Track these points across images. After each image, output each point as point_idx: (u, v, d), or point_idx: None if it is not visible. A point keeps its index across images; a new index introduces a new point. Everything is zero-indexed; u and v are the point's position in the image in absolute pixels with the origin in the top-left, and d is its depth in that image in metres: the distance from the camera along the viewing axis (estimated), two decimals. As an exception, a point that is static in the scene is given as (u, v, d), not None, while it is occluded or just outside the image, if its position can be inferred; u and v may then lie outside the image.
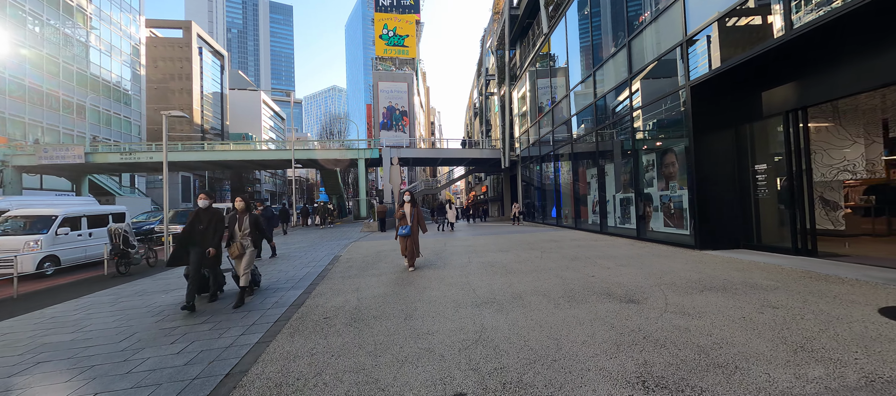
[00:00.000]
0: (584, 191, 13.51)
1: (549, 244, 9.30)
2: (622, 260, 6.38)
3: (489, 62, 37.48)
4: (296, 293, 5.19)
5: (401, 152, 26.61)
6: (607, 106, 11.26)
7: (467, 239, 11.45)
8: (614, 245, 8.63)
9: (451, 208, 16.84)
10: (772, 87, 6.30)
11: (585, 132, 13.02)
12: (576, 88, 13.48)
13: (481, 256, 7.66)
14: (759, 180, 6.71)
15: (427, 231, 6.18)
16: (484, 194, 48.03)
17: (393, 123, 45.00)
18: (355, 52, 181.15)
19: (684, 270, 5.36)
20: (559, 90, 15.48)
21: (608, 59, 10.88)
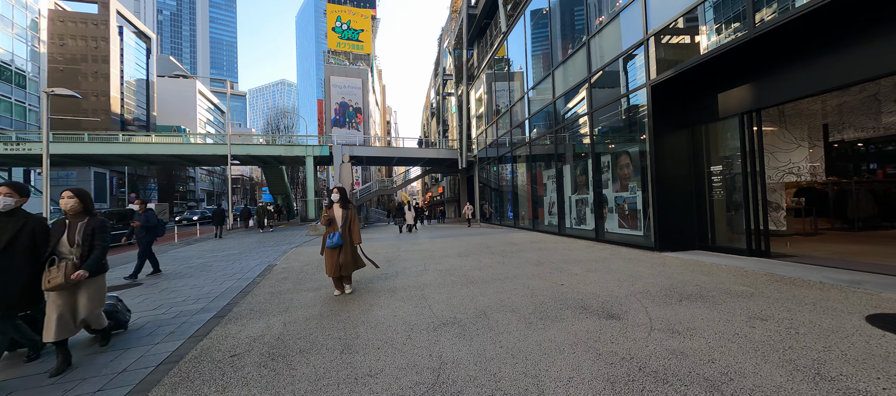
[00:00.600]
0: (541, 193, 13.37)
1: (510, 247, 8.83)
2: (588, 265, 6.01)
3: (447, 62, 37.08)
4: (203, 317, 4.07)
5: (354, 150, 25.13)
6: (565, 107, 11.14)
7: (423, 243, 10.68)
8: (575, 247, 8.36)
9: (410, 209, 16.28)
10: (728, 89, 6.31)
11: (542, 133, 12.87)
12: (533, 89, 13.31)
13: (439, 262, 6.93)
14: (714, 182, 6.73)
15: (361, 241, 4.91)
16: (441, 195, 47.54)
17: (346, 120, 42.92)
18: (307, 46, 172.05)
19: (652, 275, 5.05)
20: (516, 91, 15.30)
21: (566, 59, 10.74)
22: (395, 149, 26.86)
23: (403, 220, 16.01)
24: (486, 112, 21.15)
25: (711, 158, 6.84)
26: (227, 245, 12.51)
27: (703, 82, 6.65)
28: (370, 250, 9.19)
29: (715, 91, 6.55)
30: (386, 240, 12.01)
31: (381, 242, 11.41)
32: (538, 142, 13.23)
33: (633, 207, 9.00)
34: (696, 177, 7.09)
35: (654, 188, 7.06)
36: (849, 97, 6.05)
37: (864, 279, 4.28)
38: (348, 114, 43.18)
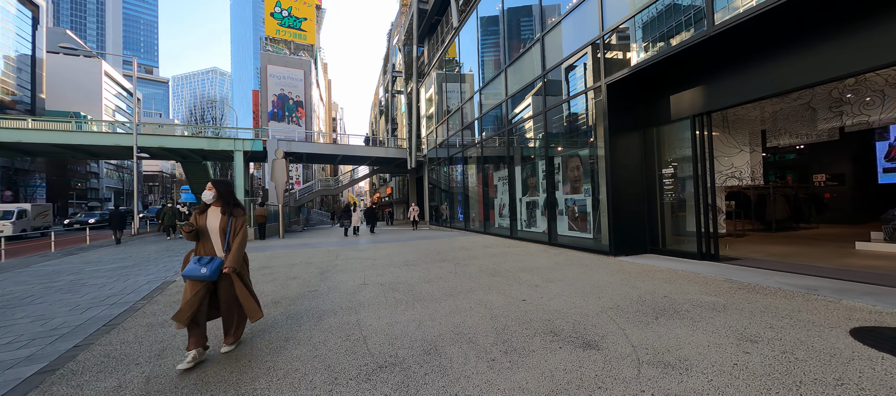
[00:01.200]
0: (492, 195, 12.98)
1: (461, 253, 8.15)
2: (546, 274, 5.50)
3: (396, 58, 35.89)
4: (20, 374, 2.74)
5: (292, 145, 22.92)
6: (517, 107, 10.81)
7: (366, 249, 9.61)
8: (529, 252, 7.93)
9: (357, 211, 15.37)
10: (680, 91, 6.25)
11: (493, 134, 12.48)
12: (485, 88, 12.88)
13: (382, 273, 6.00)
14: (665, 185, 6.67)
15: (236, 268, 2.88)
16: (389, 196, 46.04)
17: (285, 114, 39.67)
18: (243, 33, 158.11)
19: (615, 285, 4.65)
20: (468, 90, 14.81)
21: (519, 56, 10.41)
22: (340, 147, 25.10)
23: (350, 222, 15.22)
24: (437, 111, 20.50)
25: (662, 161, 6.78)
26: (122, 254, 10.26)
27: (657, 83, 6.56)
28: (302, 259, 7.94)
29: (668, 92, 6.48)
30: (324, 246, 10.70)
31: (319, 248, 10.11)
32: (489, 142, 12.83)
33: (583, 210, 8.87)
34: (648, 181, 7.01)
35: (610, 191, 6.84)
36: (785, 104, 6.34)
37: (816, 284, 4.23)
38: (288, 108, 39.98)
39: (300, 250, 9.92)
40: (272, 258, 8.38)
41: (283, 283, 5.51)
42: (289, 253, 9.38)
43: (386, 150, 26.45)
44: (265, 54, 39.68)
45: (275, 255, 8.89)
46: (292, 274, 6.28)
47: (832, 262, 5.43)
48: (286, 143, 22.67)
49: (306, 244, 11.65)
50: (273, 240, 13.52)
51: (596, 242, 7.80)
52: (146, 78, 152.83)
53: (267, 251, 9.95)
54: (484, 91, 12.96)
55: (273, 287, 5.29)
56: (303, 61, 41.34)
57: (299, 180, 42.30)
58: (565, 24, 8.33)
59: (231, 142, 21.38)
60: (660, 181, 6.79)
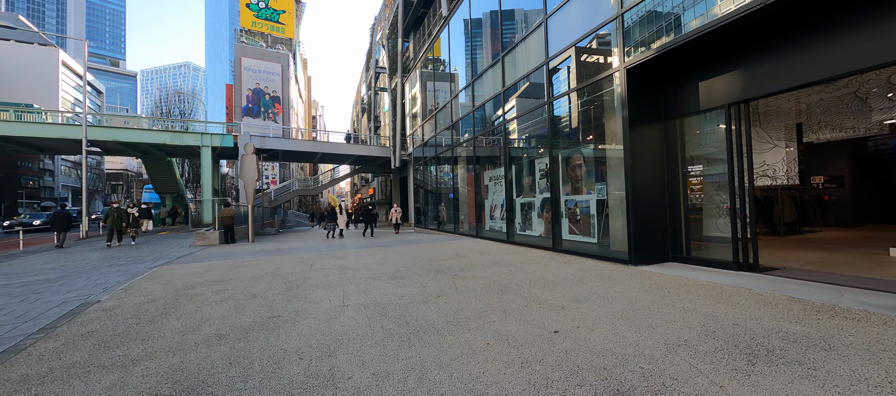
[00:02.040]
0: (483, 196, 12.04)
1: (457, 261, 7.12)
2: (567, 289, 4.55)
3: (380, 54, 34.57)
4: None
5: (266, 142, 21.31)
6: (516, 99, 9.91)
7: (346, 256, 8.44)
8: (534, 259, 6.98)
9: (343, 213, 14.53)
10: (712, 76, 5.45)
11: (486, 130, 11.54)
12: (478, 79, 11.93)
13: (365, 290, 4.89)
14: (692, 183, 5.87)
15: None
16: (371, 197, 44.49)
17: (261, 110, 37.61)
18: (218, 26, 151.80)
19: (662, 306, 3.74)
20: (459, 82, 13.82)
21: (520, 41, 9.50)
22: (320, 144, 23.62)
23: (335, 224, 14.46)
24: (422, 109, 19.43)
25: (686, 157, 5.99)
26: (54, 262, 8.67)
27: (685, 67, 5.76)
28: (269, 269, 6.71)
29: (696, 78, 5.68)
30: (298, 252, 9.44)
31: (292, 254, 8.85)
32: (482, 140, 11.88)
33: (588, 213, 8.07)
34: (670, 180, 6.20)
35: (631, 192, 5.98)
36: (827, 93, 5.69)
37: (891, 303, 3.45)
38: (264, 103, 37.93)
39: (270, 257, 8.64)
40: (233, 268, 7.10)
41: (239, 305, 4.32)
42: (256, 261, 8.09)
43: (368, 149, 25.16)
44: (239, 46, 37.49)
45: (238, 265, 7.59)
46: (253, 290, 5.09)
47: (881, 272, 4.72)
48: (260, 139, 21.06)
49: (278, 250, 10.33)
50: (241, 245, 12.08)
51: (606, 248, 6.97)
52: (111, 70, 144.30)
53: (230, 258, 8.61)
54: (477, 82, 12.00)
55: (223, 310, 4.10)
56: (280, 55, 39.35)
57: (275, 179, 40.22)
58: (574, 2, 7.46)
59: (198, 136, 19.61)
60: (684, 180, 5.99)
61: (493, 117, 11.39)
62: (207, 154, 19.77)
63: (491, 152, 11.81)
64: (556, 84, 8.21)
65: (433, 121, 16.52)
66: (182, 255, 9.49)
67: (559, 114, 8.24)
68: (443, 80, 16.44)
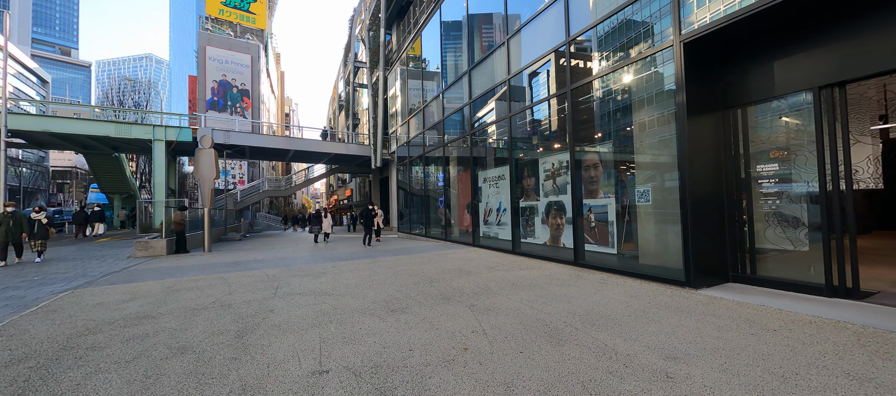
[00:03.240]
0: (480, 199, 10.74)
1: (466, 281, 5.71)
2: (647, 336, 3.26)
3: (359, 49, 32.71)
4: None
5: (233, 137, 19.09)
6: (528, 86, 8.67)
7: (324, 272, 6.83)
8: (562, 279, 5.68)
9: (328, 216, 13.89)
10: (797, 51, 4.36)
11: (488, 124, 10.24)
12: (476, 68, 10.61)
13: (351, 335, 3.39)
14: (763, 185, 4.77)
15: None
16: (348, 198, 42.28)
17: (228, 104, 34.74)
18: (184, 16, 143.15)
19: (812, 372, 2.50)
20: (451, 72, 12.45)
21: (531, 19, 8.24)
22: (293, 141, 21.57)
23: (320, 228, 13.72)
24: (404, 106, 17.93)
25: (754, 153, 4.89)
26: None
27: (759, 40, 4.66)
28: (218, 295, 5.04)
29: (772, 55, 4.58)
30: (262, 266, 7.72)
31: (254, 270, 7.13)
32: (481, 135, 10.56)
33: (602, 218, 6.96)
34: (729, 181, 5.09)
35: (688, 194, 4.80)
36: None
37: None
38: (231, 97, 35.09)
39: (225, 274, 6.91)
40: (170, 294, 5.37)
41: (152, 372, 2.73)
42: (204, 281, 6.36)
43: (346, 147, 23.33)
44: (203, 34, 34.48)
45: (178, 287, 5.85)
46: (186, 336, 3.47)
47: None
48: (224, 133, 18.83)
49: (238, 263, 8.55)
50: (194, 256, 10.14)
51: (619, 260, 5.89)
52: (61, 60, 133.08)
53: (171, 277, 6.80)
54: (475, 71, 10.67)
55: (122, 385, 2.50)
56: (250, 45, 36.60)
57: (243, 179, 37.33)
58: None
59: (149, 129, 17.18)
60: (754, 182, 4.88)
61: (493, 110, 10.10)
62: (161, 149, 17.35)
63: (489, 151, 10.52)
64: (580, 67, 7.01)
65: (420, 116, 15.06)
66: (111, 272, 7.55)
67: (582, 103, 7.03)
68: (431, 74, 15.03)
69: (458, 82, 11.46)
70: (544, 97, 7.99)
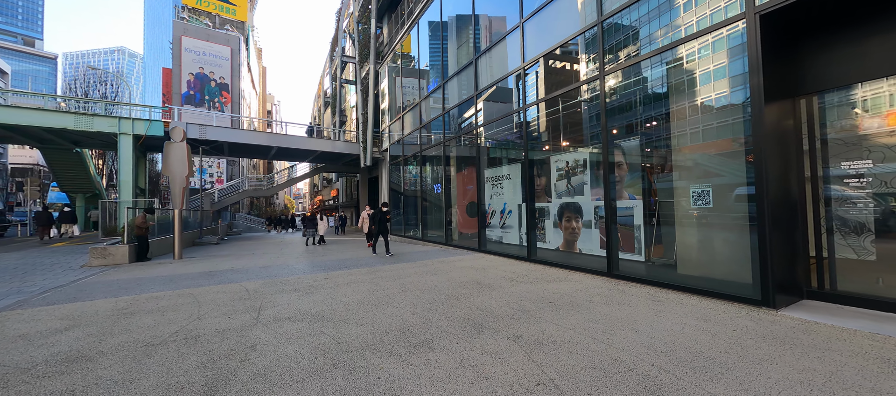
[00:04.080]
0: (487, 200, 9.88)
1: (492, 299, 4.78)
2: (756, 382, 2.41)
3: (346, 43, 31.38)
4: None
5: (209, 132, 17.59)
6: (544, 72, 7.84)
7: (317, 287, 5.76)
8: (605, 296, 4.82)
9: (323, 219, 13.46)
10: (891, 29, 3.63)
11: (500, 116, 9.38)
12: (485, 54, 9.71)
13: (361, 386, 2.40)
14: (848, 185, 4.04)
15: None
16: (334, 199, 40.74)
17: (205, 98, 32.77)
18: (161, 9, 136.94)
19: None
20: (455, 61, 11.52)
21: (548, 3, 7.40)
22: (276, 137, 20.18)
23: (314, 231, 13.34)
24: (392, 104, 16.90)
25: (836, 147, 4.17)
26: None
27: (848, 13, 3.92)
28: (183, 321, 3.94)
29: (863, 30, 3.86)
30: (241, 278, 6.58)
31: (231, 283, 6.00)
32: (491, 130, 9.68)
33: (628, 222, 6.26)
34: (800, 180, 4.35)
35: (765, 194, 4.02)
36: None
37: None
38: (209, 91, 33.12)
39: (195, 289, 5.76)
40: (121, 319, 4.23)
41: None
42: (168, 299, 5.21)
43: (333, 144, 22.07)
44: (178, 23, 32.41)
45: (134, 308, 4.71)
46: (128, 392, 2.41)
47: None
48: (199, 127, 17.32)
49: (213, 273, 7.37)
50: (160, 264, 8.86)
51: (648, 269, 5.17)
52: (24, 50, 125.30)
53: (127, 293, 5.61)
54: (481, 60, 9.77)
55: None
56: (230, 37, 34.68)
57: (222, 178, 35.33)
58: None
59: (114, 121, 15.56)
60: (834, 181, 4.15)
61: (503, 103, 9.25)
62: (128, 144, 15.73)
63: (499, 147, 9.66)
64: (614, 49, 6.20)
65: (416, 111, 14.06)
66: (55, 286, 6.25)
67: (616, 91, 6.22)
68: (428, 67, 14.05)
69: (463, 72, 10.54)
70: (569, 87, 7.14)
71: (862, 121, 4.01)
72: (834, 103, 4.18)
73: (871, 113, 3.95)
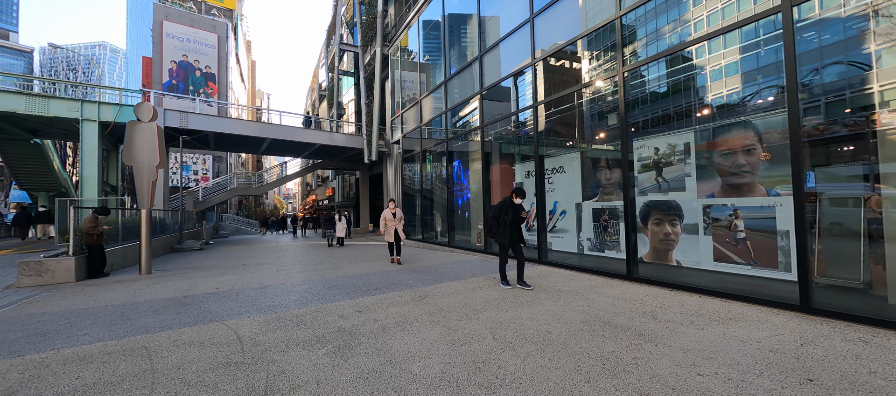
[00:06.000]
0: (534, 197, 7.89)
1: (667, 365, 2.72)
2: None
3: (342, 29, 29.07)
4: None
5: (192, 120, 15.18)
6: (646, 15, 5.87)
7: (347, 324, 3.62)
8: (848, 355, 2.81)
9: (342, 220, 12.71)
10: None
11: (582, 84, 7.38)
12: (546, 11, 7.66)
13: None
14: None
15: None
16: (329, 199, 38.26)
17: (189, 88, 30.05)
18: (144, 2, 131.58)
19: None
20: (494, 29, 9.45)
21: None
22: (269, 128, 17.84)
23: (333, 232, 12.85)
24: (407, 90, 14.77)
25: None
26: None
27: None
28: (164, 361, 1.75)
29: None
30: (230, 313, 4.40)
31: (216, 322, 3.82)
32: (567, 105, 7.67)
33: (766, 226, 4.53)
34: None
35: None
36: None
37: None
38: (194, 81, 30.42)
39: (152, 337, 3.59)
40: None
41: None
42: (101, 360, 3.04)
43: (331, 136, 19.81)
44: (159, 7, 29.63)
45: (37, 388, 2.51)
46: None
47: None
48: (180, 115, 14.92)
49: (187, 300, 5.17)
50: (122, 281, 6.59)
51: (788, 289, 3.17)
52: None
53: (46, 343, 3.42)
54: (541, 19, 7.71)
55: None
56: (217, 23, 31.99)
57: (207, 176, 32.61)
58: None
59: (75, 105, 13.08)
60: None
61: (566, 73, 7.26)
62: (92, 132, 13.27)
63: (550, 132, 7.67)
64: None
65: (441, 94, 11.94)
66: (-70, 329, 3.97)
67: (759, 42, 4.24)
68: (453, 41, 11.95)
69: (513, 36, 8.45)
70: (697, 37, 5.15)
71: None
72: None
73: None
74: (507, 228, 5.25)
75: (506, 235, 5.26)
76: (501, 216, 5.29)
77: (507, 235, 5.26)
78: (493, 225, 5.37)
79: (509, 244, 5.34)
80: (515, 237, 5.34)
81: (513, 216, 5.28)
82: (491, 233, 5.53)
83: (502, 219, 5.26)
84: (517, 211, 5.31)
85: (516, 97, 8.76)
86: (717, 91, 5.60)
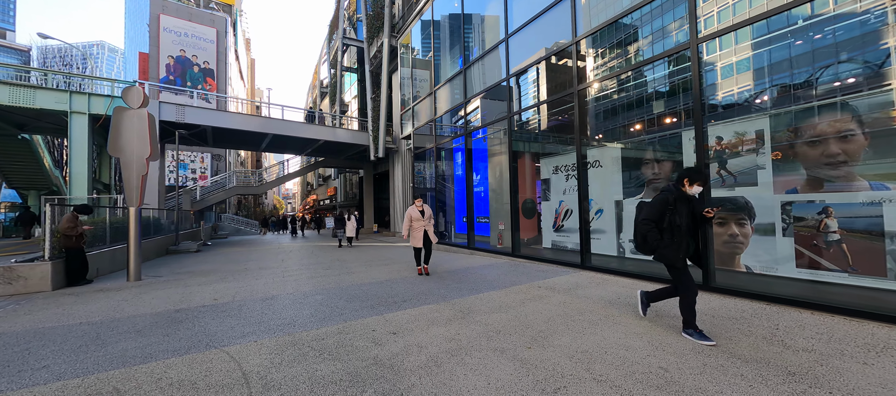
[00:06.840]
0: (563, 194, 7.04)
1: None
2: None
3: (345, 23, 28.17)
4: None
5: (189, 114, 14.29)
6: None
7: (389, 354, 2.75)
8: None
9: (351, 219, 12.34)
10: None
11: (638, 63, 6.53)
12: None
13: None
14: None
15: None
16: (330, 198, 37.34)
17: (187, 84, 29.13)
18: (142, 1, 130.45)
19: None
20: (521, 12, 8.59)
21: None
22: (270, 123, 16.95)
23: (343, 232, 12.34)
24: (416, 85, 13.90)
25: None
26: None
27: None
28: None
29: None
30: (232, 336, 3.54)
31: (213, 350, 2.93)
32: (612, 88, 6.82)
33: (871, 227, 3.73)
34: None
35: None
36: None
37: None
38: (192, 76, 29.51)
39: (128, 373, 2.72)
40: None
41: None
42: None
43: (334, 132, 18.94)
44: (157, 0, 28.73)
45: None
46: None
47: None
48: (177, 108, 14.03)
49: (179, 315, 4.30)
50: (104, 290, 5.73)
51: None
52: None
53: None
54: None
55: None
56: (216, 17, 31.07)
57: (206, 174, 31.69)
58: None
59: (63, 96, 12.18)
60: None
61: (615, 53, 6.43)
62: (82, 126, 12.37)
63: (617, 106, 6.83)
64: None
65: (459, 83, 11.07)
66: None
67: None
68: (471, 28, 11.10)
69: (547, 14, 7.56)
70: None
71: None
72: None
73: None
74: (683, 238, 3.11)
75: (681, 249, 3.10)
76: (667, 217, 3.16)
77: (682, 249, 3.10)
78: (651, 235, 3.18)
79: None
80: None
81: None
82: (647, 247, 3.26)
83: (670, 223, 3.13)
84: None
85: (551, 80, 7.89)
86: (802, 65, 4.75)
